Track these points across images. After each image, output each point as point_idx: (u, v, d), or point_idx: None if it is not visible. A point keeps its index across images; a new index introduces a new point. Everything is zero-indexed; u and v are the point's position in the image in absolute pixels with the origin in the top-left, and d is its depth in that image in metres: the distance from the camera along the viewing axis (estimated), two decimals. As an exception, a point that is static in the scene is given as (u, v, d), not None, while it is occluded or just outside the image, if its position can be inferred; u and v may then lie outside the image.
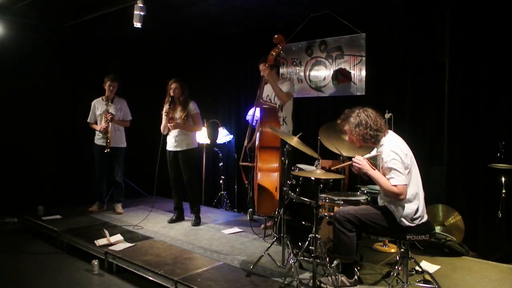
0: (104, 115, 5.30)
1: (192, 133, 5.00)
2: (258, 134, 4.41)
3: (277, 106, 4.45)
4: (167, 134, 4.97)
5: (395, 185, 2.81)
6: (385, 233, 3.08)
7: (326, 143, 3.91)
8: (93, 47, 6.67)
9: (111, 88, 5.34)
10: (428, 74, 4.46)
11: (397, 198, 2.83)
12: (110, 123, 5.30)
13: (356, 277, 3.12)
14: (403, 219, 2.90)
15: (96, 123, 5.44)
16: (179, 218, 5.15)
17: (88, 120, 5.49)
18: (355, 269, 3.16)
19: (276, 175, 4.36)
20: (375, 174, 2.91)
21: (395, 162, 2.83)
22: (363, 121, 2.96)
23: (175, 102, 4.86)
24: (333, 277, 3.01)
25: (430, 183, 3.16)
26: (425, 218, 2.99)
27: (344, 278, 3.07)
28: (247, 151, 4.73)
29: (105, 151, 5.27)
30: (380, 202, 3.11)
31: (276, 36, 4.34)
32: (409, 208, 2.89)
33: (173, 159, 4.99)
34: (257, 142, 4.35)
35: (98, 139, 5.43)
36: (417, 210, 2.90)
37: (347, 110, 3.12)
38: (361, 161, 2.95)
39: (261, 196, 4.44)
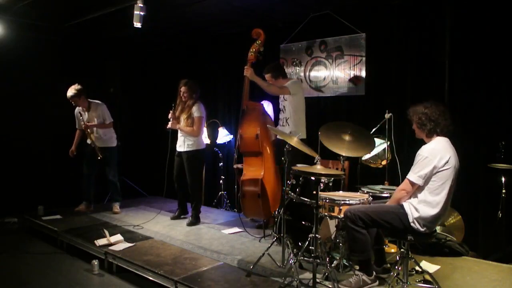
0: (84, 127, 5.33)
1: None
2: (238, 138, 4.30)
3: (283, 107, 4.43)
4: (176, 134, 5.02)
5: (406, 178, 2.94)
6: (388, 233, 3.08)
7: (326, 143, 3.90)
8: (93, 47, 6.66)
9: (73, 103, 5.34)
10: (428, 74, 4.46)
11: (401, 193, 2.97)
12: (92, 131, 5.37)
13: (374, 273, 3.11)
14: (415, 221, 2.87)
15: None
16: (181, 214, 5.19)
17: (77, 127, 5.56)
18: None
19: (259, 181, 4.15)
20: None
21: (417, 160, 2.94)
22: (425, 107, 3.01)
23: (183, 104, 4.92)
24: (354, 277, 3.02)
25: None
26: (434, 229, 2.99)
27: (364, 277, 3.05)
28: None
29: (98, 158, 5.28)
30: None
31: (254, 30, 4.29)
32: (426, 212, 2.86)
33: (177, 158, 5.05)
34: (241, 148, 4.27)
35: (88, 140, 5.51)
36: (433, 217, 2.86)
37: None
38: None
39: (244, 201, 4.27)
